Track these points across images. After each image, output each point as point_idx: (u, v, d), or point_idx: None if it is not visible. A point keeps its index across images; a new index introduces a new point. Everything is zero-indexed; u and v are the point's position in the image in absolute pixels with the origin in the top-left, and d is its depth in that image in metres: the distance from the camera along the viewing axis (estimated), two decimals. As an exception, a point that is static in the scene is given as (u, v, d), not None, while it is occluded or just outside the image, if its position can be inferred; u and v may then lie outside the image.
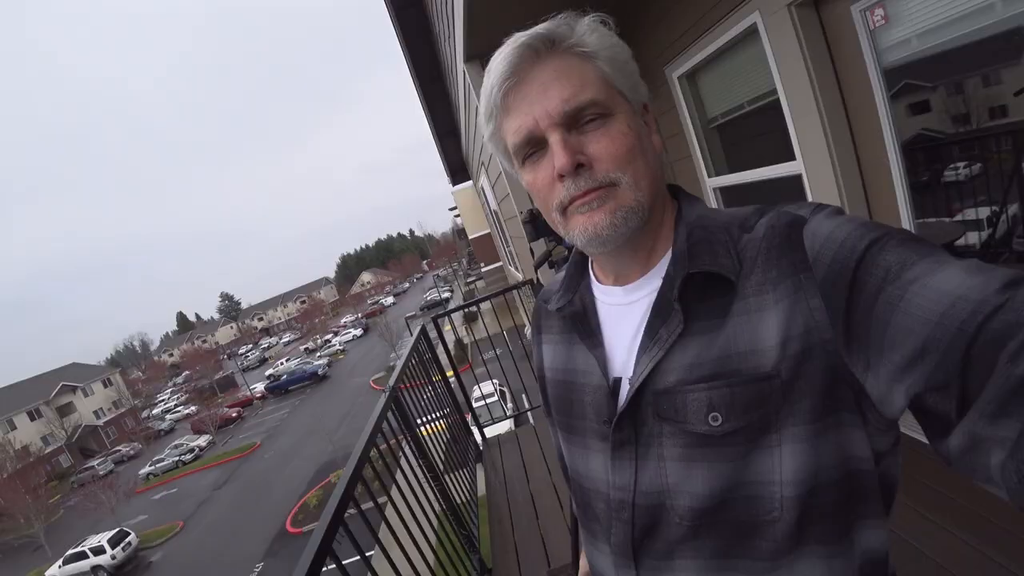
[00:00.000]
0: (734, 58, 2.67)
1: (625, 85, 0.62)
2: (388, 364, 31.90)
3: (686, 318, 0.58)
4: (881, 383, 0.48)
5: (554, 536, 2.56)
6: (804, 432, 0.53)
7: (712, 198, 3.27)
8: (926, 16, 1.77)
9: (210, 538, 18.97)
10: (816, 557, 0.55)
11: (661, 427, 0.60)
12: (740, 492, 0.56)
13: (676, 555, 0.60)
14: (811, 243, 0.53)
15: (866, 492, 0.55)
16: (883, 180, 2.09)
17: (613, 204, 0.58)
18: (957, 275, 0.43)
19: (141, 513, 24.20)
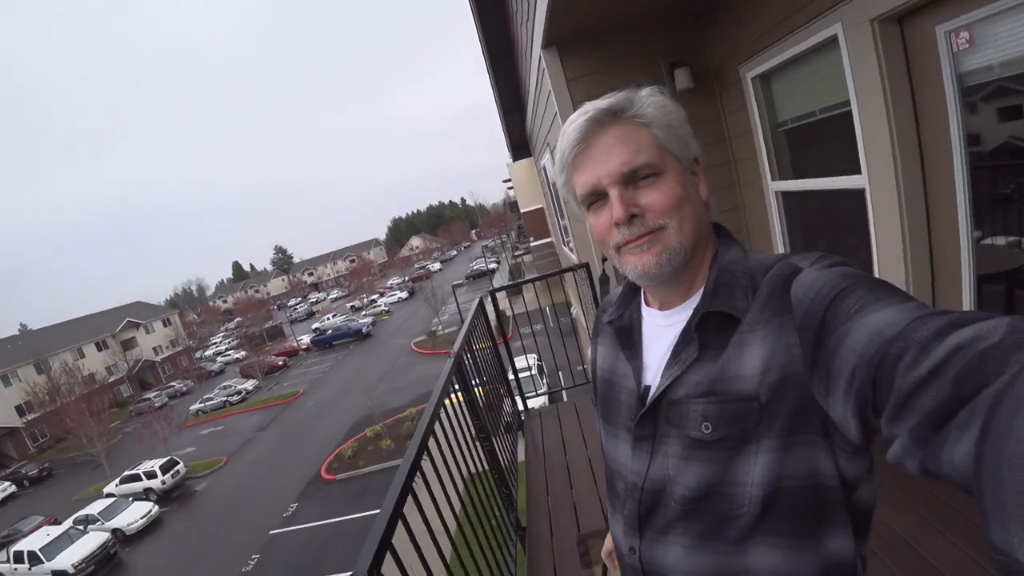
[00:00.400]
0: (810, 65, 2.69)
1: (676, 146, 0.74)
2: (430, 328, 32.57)
3: (701, 346, 0.71)
4: (837, 408, 0.58)
5: (587, 505, 2.75)
6: (775, 445, 0.65)
7: (773, 200, 3.31)
8: (1013, 44, 1.79)
9: (250, 475, 20.18)
10: (774, 547, 0.68)
11: (669, 430, 0.74)
12: (721, 488, 0.69)
13: (669, 531, 0.75)
14: (795, 290, 0.64)
15: (831, 504, 0.66)
16: (947, 201, 2.11)
17: (660, 247, 0.72)
18: (887, 313, 0.52)
19: (190, 445, 25.87)
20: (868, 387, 0.51)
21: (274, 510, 16.61)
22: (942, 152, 2.07)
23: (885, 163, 2.22)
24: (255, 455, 22.21)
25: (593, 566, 2.27)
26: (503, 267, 49.10)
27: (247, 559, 14.28)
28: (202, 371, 45.13)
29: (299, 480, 18.23)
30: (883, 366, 0.49)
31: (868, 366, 0.50)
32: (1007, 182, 2.00)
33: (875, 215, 2.37)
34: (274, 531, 15.37)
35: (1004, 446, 0.28)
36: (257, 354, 38.50)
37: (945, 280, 2.22)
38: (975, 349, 0.39)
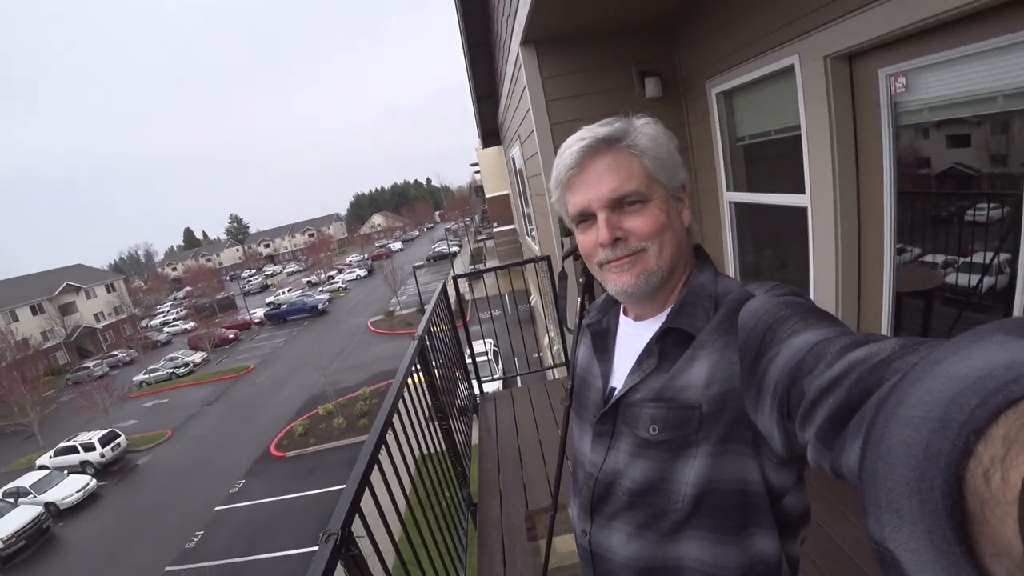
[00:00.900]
0: (769, 89, 2.89)
1: (664, 176, 0.80)
2: (388, 308, 32.32)
3: (660, 358, 0.79)
4: (765, 421, 0.63)
5: (535, 485, 2.92)
6: (711, 450, 0.72)
7: (726, 210, 3.52)
8: (939, 93, 2.01)
9: (196, 450, 19.66)
10: (702, 541, 0.75)
11: (623, 428, 0.82)
12: (661, 484, 0.77)
13: (615, 519, 0.84)
14: (743, 314, 0.71)
15: (756, 508, 0.73)
16: (876, 225, 2.35)
17: (639, 268, 0.79)
18: (810, 335, 0.57)
19: (132, 418, 24.90)
20: (785, 397, 0.56)
21: (220, 486, 16.28)
22: (875, 181, 2.30)
23: (826, 186, 2.44)
24: (201, 430, 21.66)
25: (539, 540, 2.45)
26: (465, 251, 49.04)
27: (190, 535, 14.00)
28: (147, 341, 43.37)
29: (247, 456, 17.91)
30: (796, 378, 0.54)
31: (785, 379, 0.56)
32: (925, 212, 2.25)
33: (814, 232, 2.59)
34: (220, 507, 15.10)
35: (879, 447, 0.30)
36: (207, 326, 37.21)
37: (869, 295, 2.46)
38: (869, 363, 0.43)
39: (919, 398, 0.29)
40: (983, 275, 2.04)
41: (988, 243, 1.97)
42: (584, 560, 0.92)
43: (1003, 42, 1.66)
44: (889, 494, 0.28)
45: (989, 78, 1.80)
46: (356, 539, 1.14)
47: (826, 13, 2.23)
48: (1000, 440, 0.24)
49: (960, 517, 0.24)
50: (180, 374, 30.86)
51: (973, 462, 0.24)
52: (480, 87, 8.29)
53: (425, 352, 2.61)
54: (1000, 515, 0.22)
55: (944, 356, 0.30)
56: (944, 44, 1.87)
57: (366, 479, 1.33)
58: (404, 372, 2.05)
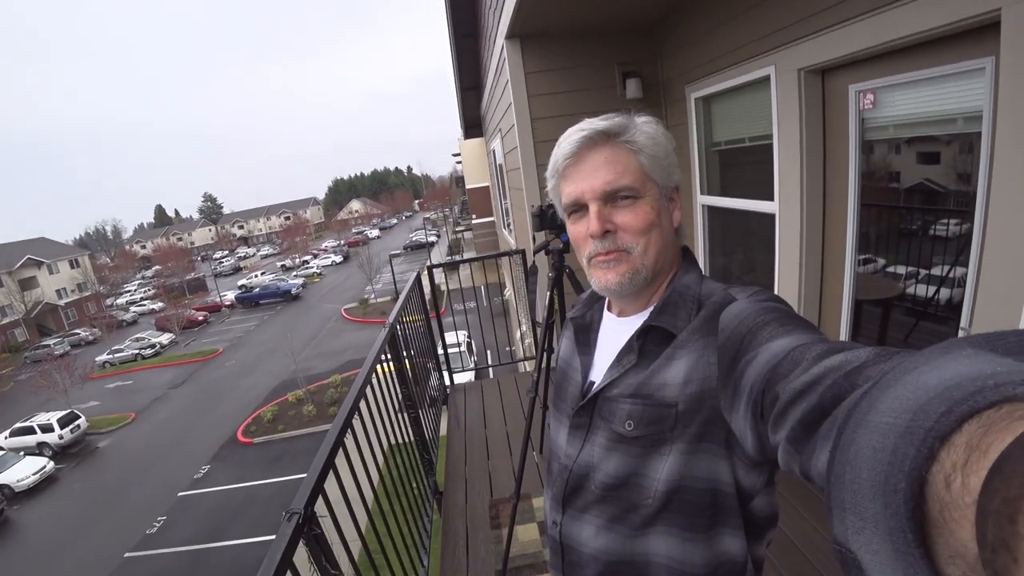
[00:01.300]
0: (745, 97, 2.96)
1: (658, 175, 0.81)
2: (363, 296, 31.99)
3: (639, 355, 0.79)
4: (739, 422, 0.63)
5: (500, 475, 2.96)
6: (684, 448, 0.73)
7: (699, 212, 3.60)
8: (904, 111, 2.10)
9: (160, 433, 19.22)
10: (671, 536, 0.76)
11: (600, 422, 0.82)
12: (633, 480, 0.77)
13: (587, 511, 0.84)
14: (724, 317, 0.72)
15: (725, 508, 0.74)
16: (839, 235, 2.44)
17: (625, 267, 0.79)
18: (787, 340, 0.58)
19: (93, 399, 24.16)
20: (760, 399, 0.57)
21: (184, 471, 15.96)
22: (840, 192, 2.38)
23: (794, 194, 2.52)
24: (167, 413, 21.18)
25: (502, 528, 2.50)
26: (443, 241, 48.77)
27: (152, 521, 13.70)
28: (112, 320, 42.16)
29: (213, 441, 17.59)
30: (771, 381, 0.54)
31: (761, 381, 0.57)
32: (887, 224, 2.34)
33: (781, 239, 2.68)
34: (183, 493, 14.81)
35: (848, 451, 0.30)
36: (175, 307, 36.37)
37: (830, 301, 2.56)
38: (843, 370, 0.44)
39: (889, 405, 0.30)
40: (939, 287, 2.14)
41: (946, 257, 2.07)
42: (553, 551, 0.93)
43: (961, 68, 1.75)
44: (854, 497, 0.29)
45: (948, 100, 1.89)
46: (319, 519, 1.15)
47: (801, 28, 2.30)
48: (963, 447, 0.25)
49: (921, 520, 0.25)
50: (146, 355, 30.07)
51: (936, 467, 0.25)
52: (464, 78, 8.25)
53: (396, 340, 2.62)
54: (958, 518, 0.23)
55: (915, 366, 0.31)
56: (909, 66, 1.95)
57: (331, 460, 1.35)
58: (373, 359, 2.07)
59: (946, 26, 1.67)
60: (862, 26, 1.98)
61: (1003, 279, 1.64)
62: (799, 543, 2.15)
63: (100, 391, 25.65)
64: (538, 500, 2.67)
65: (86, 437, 20.05)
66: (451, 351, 4.39)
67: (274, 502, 13.12)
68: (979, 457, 0.23)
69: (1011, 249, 1.60)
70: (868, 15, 1.94)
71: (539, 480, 2.86)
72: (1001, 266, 1.64)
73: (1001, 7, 1.50)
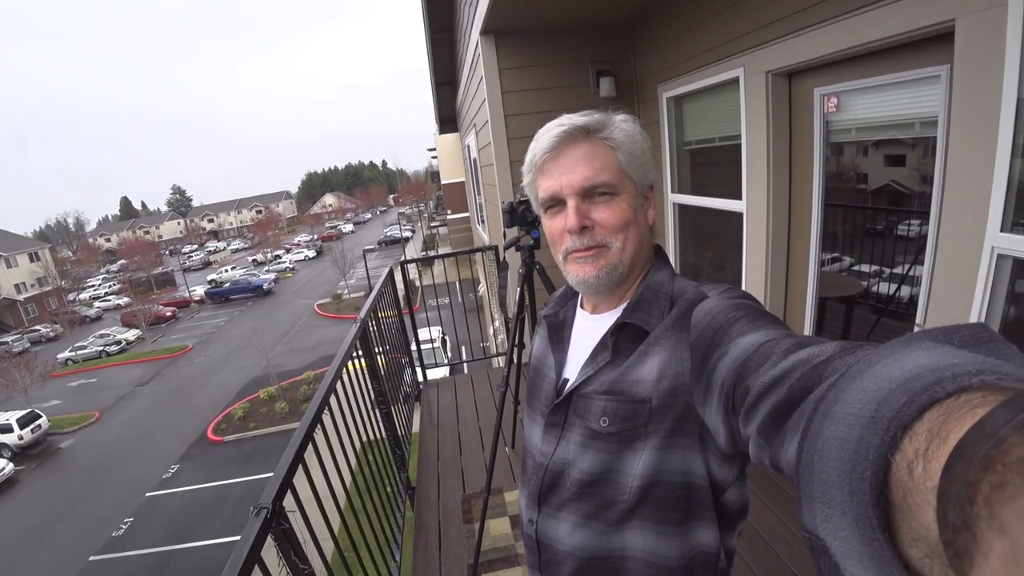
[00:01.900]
0: (715, 98, 3.02)
1: (635, 172, 0.81)
2: (336, 291, 31.59)
3: (613, 352, 0.80)
4: (712, 416, 0.64)
5: (473, 470, 2.98)
6: (658, 444, 0.74)
7: (670, 210, 3.66)
8: (866, 115, 2.17)
9: (126, 433, 18.68)
10: (646, 530, 0.77)
11: (575, 419, 0.83)
12: (609, 475, 0.78)
13: (563, 509, 0.84)
14: (696, 314, 0.72)
15: (699, 501, 0.75)
16: (804, 234, 2.51)
17: (603, 262, 0.79)
18: (758, 335, 0.59)
19: (55, 398, 23.33)
20: (731, 393, 0.58)
21: (152, 471, 15.55)
22: (805, 193, 2.45)
23: (761, 193, 2.58)
24: (133, 412, 20.59)
25: (474, 523, 2.51)
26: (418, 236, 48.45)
27: (119, 523, 13.32)
28: (75, 316, 40.71)
29: (182, 440, 17.18)
30: (742, 375, 0.56)
31: (732, 376, 0.58)
32: (848, 223, 2.42)
33: (748, 237, 2.74)
34: (151, 493, 14.43)
35: (816, 441, 0.31)
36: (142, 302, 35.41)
37: (795, 298, 2.63)
38: (810, 364, 0.45)
39: (854, 396, 0.31)
40: (900, 285, 2.22)
41: (907, 256, 2.14)
42: (530, 549, 0.93)
43: (918, 75, 1.82)
44: (822, 486, 0.30)
45: (907, 105, 1.96)
46: (288, 514, 1.14)
47: (769, 32, 2.35)
48: (923, 435, 0.26)
49: (885, 506, 0.26)
50: (111, 352, 29.18)
51: (899, 455, 0.26)
52: (440, 73, 8.18)
53: (368, 335, 2.61)
54: (920, 502, 0.24)
55: (878, 359, 0.33)
56: (871, 71, 2.02)
57: (300, 454, 1.34)
58: (344, 354, 2.05)
59: (904, 34, 1.74)
60: (826, 31, 2.04)
61: (954, 278, 1.71)
62: (766, 536, 2.21)
63: (62, 389, 24.82)
64: (510, 494, 2.69)
65: (47, 437, 19.36)
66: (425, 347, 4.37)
67: (245, 501, 12.89)
68: (939, 444, 0.25)
69: (961, 249, 1.67)
70: (832, 21, 2.00)
71: (511, 474, 2.88)
72: (952, 265, 1.71)
73: (955, 18, 1.56)
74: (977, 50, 1.52)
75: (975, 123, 1.56)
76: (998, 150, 1.49)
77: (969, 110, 1.58)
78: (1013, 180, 1.49)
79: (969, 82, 1.56)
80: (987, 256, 1.58)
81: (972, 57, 1.54)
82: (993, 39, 1.45)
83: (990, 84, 1.48)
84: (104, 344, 29.47)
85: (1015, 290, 1.58)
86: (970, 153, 1.59)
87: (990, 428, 0.21)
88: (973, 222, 1.61)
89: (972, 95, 1.56)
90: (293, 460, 1.29)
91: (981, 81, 1.52)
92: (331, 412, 1.77)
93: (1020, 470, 0.18)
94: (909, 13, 1.70)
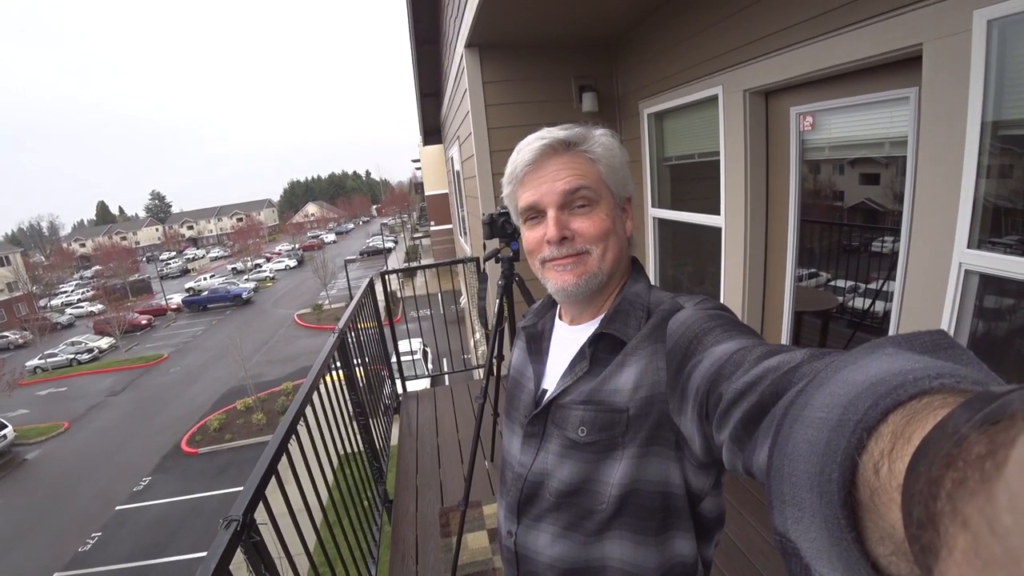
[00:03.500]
0: (695, 115, 3.07)
1: (614, 184, 0.83)
2: (316, 301, 31.25)
3: (591, 363, 0.81)
4: (687, 424, 0.65)
5: (451, 483, 2.95)
6: (636, 452, 0.74)
7: (650, 224, 3.70)
8: (840, 134, 2.23)
9: (97, 444, 18.13)
10: (625, 540, 0.77)
11: (553, 430, 0.83)
12: (587, 486, 0.78)
13: (542, 520, 0.85)
14: (671, 324, 0.73)
15: (676, 510, 0.76)
16: (781, 249, 2.55)
17: (582, 269, 0.80)
18: (731, 344, 0.60)
19: (22, 407, 22.60)
20: (705, 401, 0.58)
21: (123, 483, 15.07)
22: (782, 208, 2.50)
23: (738, 209, 2.63)
24: (104, 422, 20.01)
25: (452, 536, 2.48)
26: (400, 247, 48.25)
27: (86, 538, 12.86)
28: (46, 323, 39.37)
29: (155, 452, 16.71)
30: (715, 383, 0.56)
31: (705, 384, 0.58)
32: (823, 239, 2.47)
33: (726, 252, 2.78)
34: (121, 507, 13.97)
35: (786, 446, 0.32)
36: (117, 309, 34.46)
37: (772, 312, 2.67)
38: (780, 370, 0.46)
39: (822, 401, 0.32)
40: (874, 300, 2.26)
41: (880, 272, 2.19)
42: (508, 561, 0.93)
43: (889, 96, 1.88)
44: (793, 488, 0.30)
45: (878, 126, 2.01)
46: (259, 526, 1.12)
47: (747, 52, 2.41)
48: (888, 436, 0.26)
49: (853, 507, 0.27)
50: (83, 360, 28.40)
51: (865, 456, 0.27)
52: (425, 84, 8.22)
53: (346, 346, 2.58)
54: (887, 501, 0.25)
55: (844, 364, 0.34)
56: (844, 92, 2.08)
57: (273, 465, 1.32)
58: (321, 364, 2.03)
59: (875, 57, 1.79)
60: (801, 53, 2.10)
61: (924, 292, 1.75)
62: (743, 547, 2.22)
63: (30, 398, 24.04)
64: (488, 507, 2.67)
65: (12, 448, 18.67)
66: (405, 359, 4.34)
67: (219, 515, 12.43)
68: (903, 444, 0.25)
69: (931, 265, 1.71)
70: (807, 43, 2.06)
71: (490, 487, 2.86)
72: (923, 281, 1.76)
73: (923, 42, 1.61)
74: (944, 74, 1.57)
75: (942, 143, 1.61)
76: (964, 170, 1.54)
77: (937, 131, 1.63)
78: (979, 198, 1.54)
79: (936, 104, 1.62)
80: (955, 272, 1.62)
81: (939, 80, 1.59)
82: (958, 63, 1.51)
83: (956, 106, 1.54)
84: (75, 352, 28.70)
85: (982, 304, 1.62)
86: (938, 172, 1.64)
87: (951, 427, 0.21)
88: (942, 239, 1.65)
89: (939, 116, 1.61)
90: (266, 471, 1.27)
91: (948, 103, 1.57)
92: (307, 424, 1.75)
93: (980, 466, 0.18)
94: (880, 37, 1.75)
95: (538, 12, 3.09)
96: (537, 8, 3.02)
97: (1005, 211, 1.52)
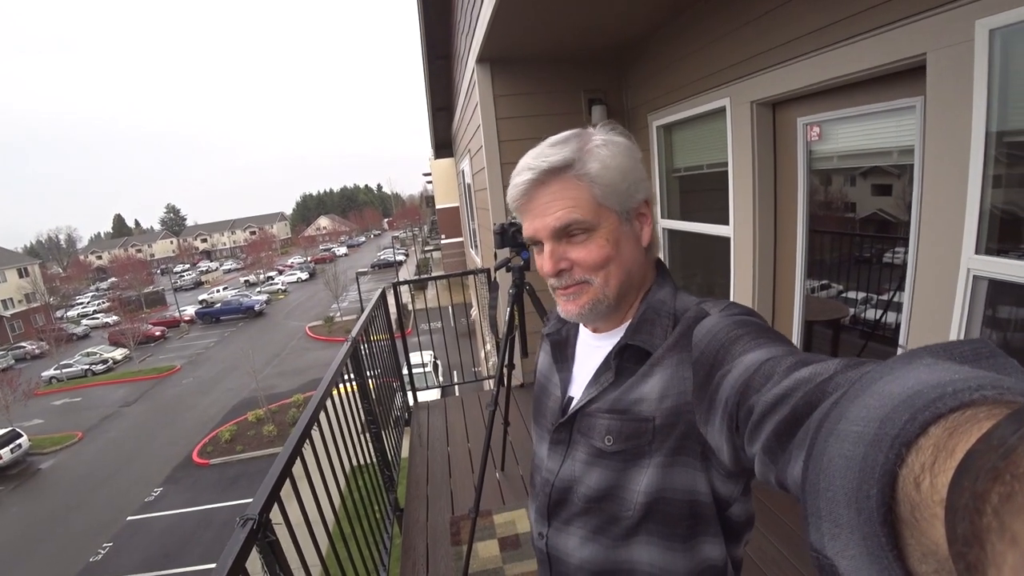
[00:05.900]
0: (703, 127, 3.10)
1: (615, 202, 0.78)
2: (328, 314, 31.44)
3: (617, 373, 0.80)
4: (715, 435, 0.64)
5: (461, 491, 2.96)
6: (662, 461, 0.74)
7: (660, 236, 3.72)
8: (847, 144, 2.25)
9: (109, 454, 18.28)
10: (652, 546, 0.78)
11: (579, 438, 0.84)
12: (615, 492, 0.79)
13: (571, 523, 0.86)
14: (697, 332, 0.72)
15: (704, 517, 0.76)
16: (790, 258, 2.56)
17: (585, 298, 0.79)
18: (760, 353, 0.59)
19: (37, 417, 22.85)
20: (735, 412, 0.57)
21: (135, 494, 15.15)
22: (790, 218, 2.51)
23: (747, 219, 2.64)
24: (117, 432, 20.18)
25: (463, 545, 2.49)
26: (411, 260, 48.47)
27: (97, 548, 12.91)
28: (62, 333, 40.01)
29: (166, 462, 16.80)
30: (745, 394, 0.55)
31: (735, 395, 0.57)
32: (832, 249, 2.48)
33: (736, 262, 2.79)
34: (133, 517, 14.04)
35: (821, 460, 0.31)
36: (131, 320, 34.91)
37: (782, 322, 2.67)
38: (813, 382, 0.45)
39: (857, 414, 0.31)
40: (886, 310, 2.26)
41: (891, 282, 2.19)
42: (541, 562, 0.94)
43: (895, 105, 1.89)
44: (829, 504, 0.29)
45: (885, 135, 2.03)
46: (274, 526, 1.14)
47: (753, 64, 2.44)
48: (929, 449, 0.25)
49: (893, 523, 0.26)
50: (97, 371, 28.72)
51: (905, 471, 0.26)
52: (436, 99, 8.32)
53: (358, 354, 2.62)
54: (929, 517, 0.24)
55: (880, 376, 0.33)
56: (851, 102, 2.10)
57: (289, 466, 1.34)
58: (335, 371, 2.06)
59: (880, 67, 1.81)
60: (808, 64, 2.12)
61: (933, 298, 1.76)
62: (757, 559, 2.21)
63: (45, 408, 24.33)
64: (499, 516, 2.67)
65: (27, 457, 18.87)
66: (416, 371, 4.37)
67: (230, 526, 12.48)
68: (946, 458, 0.24)
69: (939, 271, 1.72)
70: (812, 54, 2.08)
71: (500, 497, 2.86)
72: (931, 287, 1.76)
73: (926, 52, 1.63)
74: (948, 83, 1.59)
75: (948, 151, 1.62)
76: (970, 177, 1.55)
77: (942, 139, 1.64)
78: (985, 204, 1.54)
79: (941, 113, 1.63)
80: (963, 277, 1.62)
81: (943, 89, 1.61)
82: (962, 72, 1.53)
83: (961, 114, 1.55)
84: (90, 363, 29.03)
85: (992, 310, 1.63)
86: (945, 179, 1.65)
87: (997, 439, 0.21)
88: (949, 244, 1.66)
89: (944, 125, 1.63)
90: (282, 472, 1.30)
91: (952, 112, 1.59)
92: (321, 431, 1.77)
93: None
94: (884, 47, 1.78)
95: (548, 27, 3.15)
96: (547, 23, 3.08)
97: (1012, 217, 1.53)
